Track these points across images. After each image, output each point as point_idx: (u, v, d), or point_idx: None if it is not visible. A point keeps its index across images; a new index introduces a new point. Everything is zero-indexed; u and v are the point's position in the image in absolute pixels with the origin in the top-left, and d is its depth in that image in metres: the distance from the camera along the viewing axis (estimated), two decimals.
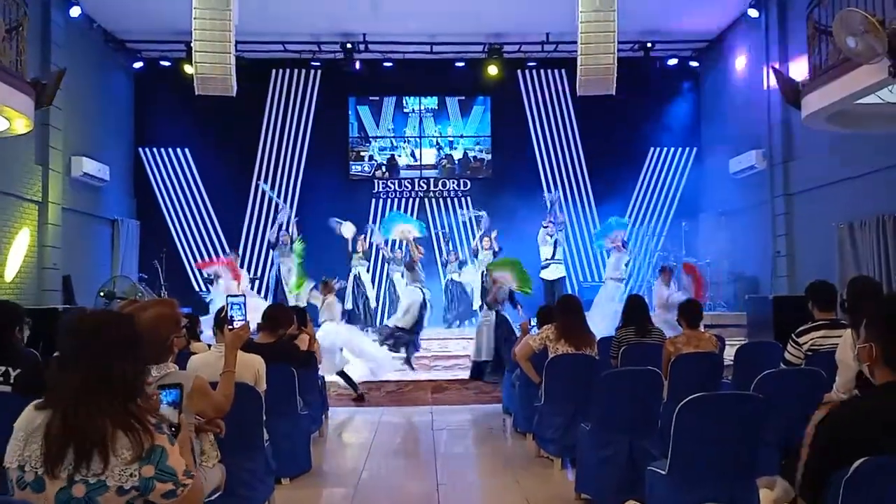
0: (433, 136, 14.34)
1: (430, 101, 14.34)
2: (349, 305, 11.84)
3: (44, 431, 1.77)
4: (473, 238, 12.61)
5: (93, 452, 1.74)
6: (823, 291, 4.61)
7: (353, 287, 12.03)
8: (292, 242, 11.81)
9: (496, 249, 11.80)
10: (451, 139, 14.33)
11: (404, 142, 14.33)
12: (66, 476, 1.75)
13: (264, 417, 3.97)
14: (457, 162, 14.27)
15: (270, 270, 12.33)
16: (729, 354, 6.18)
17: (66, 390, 1.81)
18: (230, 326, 3.45)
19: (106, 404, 1.79)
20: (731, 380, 5.58)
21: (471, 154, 14.29)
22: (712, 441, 3.24)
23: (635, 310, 5.84)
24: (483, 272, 9.96)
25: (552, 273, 11.40)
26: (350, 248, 12.11)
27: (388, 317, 12.56)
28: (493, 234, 12.08)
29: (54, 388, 1.85)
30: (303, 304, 9.11)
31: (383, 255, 12.75)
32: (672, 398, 4.37)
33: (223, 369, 3.24)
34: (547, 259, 11.40)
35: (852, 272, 8.92)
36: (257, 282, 13.20)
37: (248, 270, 13.51)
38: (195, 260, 13.64)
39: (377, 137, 14.29)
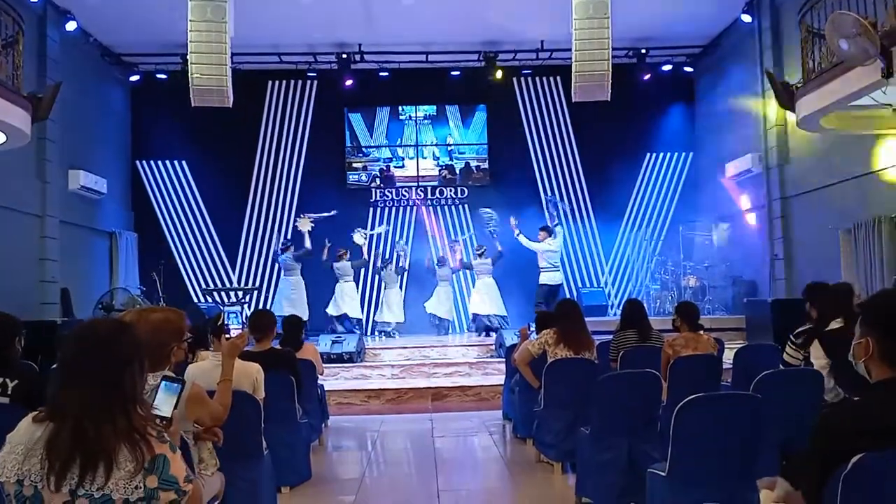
0: (430, 145, 14.36)
1: (427, 110, 14.36)
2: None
3: (46, 446, 1.74)
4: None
5: (99, 466, 1.72)
6: (821, 293, 4.62)
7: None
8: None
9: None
10: (449, 147, 14.32)
11: (402, 151, 14.35)
12: (69, 491, 1.72)
13: (263, 426, 3.96)
14: (458, 172, 14.27)
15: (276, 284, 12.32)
16: (728, 358, 6.18)
17: (72, 404, 1.77)
18: (227, 335, 3.44)
19: (112, 417, 1.77)
20: (730, 382, 5.58)
21: (473, 164, 14.26)
22: (712, 442, 3.23)
23: (634, 314, 5.84)
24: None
25: (557, 278, 11.41)
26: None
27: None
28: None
29: (58, 401, 1.81)
30: None
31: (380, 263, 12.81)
32: (671, 400, 4.36)
33: (220, 378, 3.24)
34: (556, 264, 11.41)
35: (851, 275, 8.95)
36: (255, 293, 13.19)
37: (248, 282, 13.53)
38: (193, 271, 13.65)
39: (374, 147, 14.31)
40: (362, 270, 12.70)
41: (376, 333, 12.59)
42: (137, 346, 1.92)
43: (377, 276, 12.93)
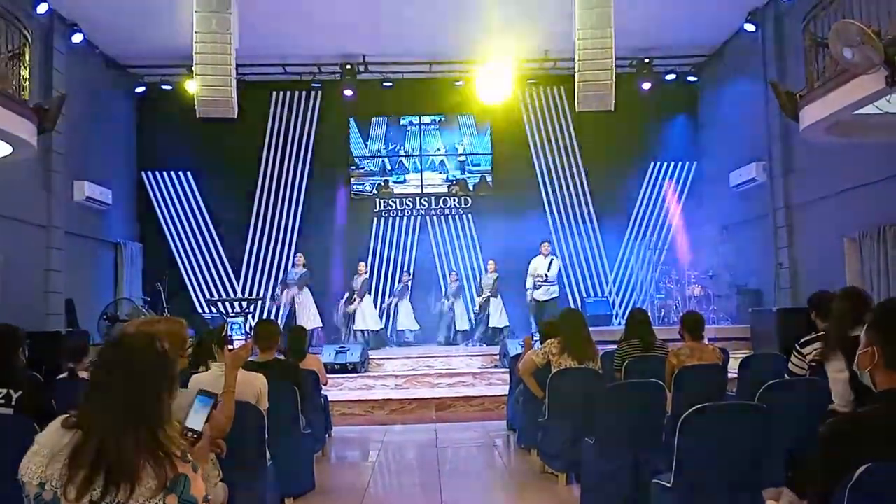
0: (433, 155, 14.37)
1: (432, 120, 14.38)
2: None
3: (70, 456, 1.75)
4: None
5: (122, 483, 1.72)
6: (826, 302, 4.59)
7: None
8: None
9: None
10: (460, 158, 14.31)
11: (406, 161, 14.36)
12: (90, 502, 1.72)
13: (266, 436, 3.95)
14: (470, 187, 14.23)
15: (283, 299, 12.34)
16: (733, 368, 6.15)
17: (99, 418, 1.78)
18: (230, 346, 3.44)
19: (137, 434, 1.77)
20: (735, 392, 5.55)
21: (486, 177, 14.23)
22: (717, 453, 3.22)
23: (639, 324, 5.82)
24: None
25: (543, 294, 11.41)
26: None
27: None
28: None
29: (89, 410, 1.81)
30: None
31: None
32: (676, 411, 4.34)
33: (223, 389, 3.23)
34: (539, 280, 11.41)
35: (857, 283, 8.91)
36: (260, 302, 13.20)
37: (252, 293, 13.55)
38: (198, 282, 13.68)
39: (369, 158, 14.33)
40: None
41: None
42: (166, 363, 1.92)
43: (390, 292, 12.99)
